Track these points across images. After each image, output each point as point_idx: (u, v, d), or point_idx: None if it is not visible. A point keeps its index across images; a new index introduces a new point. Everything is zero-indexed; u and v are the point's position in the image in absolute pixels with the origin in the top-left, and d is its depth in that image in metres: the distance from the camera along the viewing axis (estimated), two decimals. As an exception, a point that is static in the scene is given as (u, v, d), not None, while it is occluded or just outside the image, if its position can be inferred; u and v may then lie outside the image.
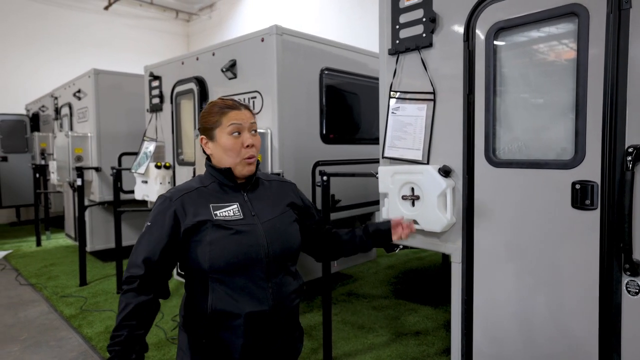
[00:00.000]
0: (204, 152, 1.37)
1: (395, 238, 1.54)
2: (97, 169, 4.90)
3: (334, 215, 3.06)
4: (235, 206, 1.28)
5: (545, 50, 1.72)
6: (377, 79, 3.79)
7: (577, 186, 1.60)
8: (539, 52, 1.73)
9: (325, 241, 1.55)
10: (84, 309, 3.78)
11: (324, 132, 3.36)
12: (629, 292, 1.55)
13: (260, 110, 2.93)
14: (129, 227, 5.30)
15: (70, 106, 5.57)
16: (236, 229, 1.23)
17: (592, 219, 1.59)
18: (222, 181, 1.31)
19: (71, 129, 5.51)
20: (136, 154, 4.22)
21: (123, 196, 4.32)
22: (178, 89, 3.65)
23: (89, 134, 4.96)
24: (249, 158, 1.30)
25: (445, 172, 1.96)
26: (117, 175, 4.08)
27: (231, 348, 1.25)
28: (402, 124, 2.13)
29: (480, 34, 1.83)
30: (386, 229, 1.54)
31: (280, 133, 2.92)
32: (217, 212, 1.25)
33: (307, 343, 3.02)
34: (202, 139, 1.35)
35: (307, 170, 2.98)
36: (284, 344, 1.34)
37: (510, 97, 1.81)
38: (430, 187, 1.94)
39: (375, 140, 3.93)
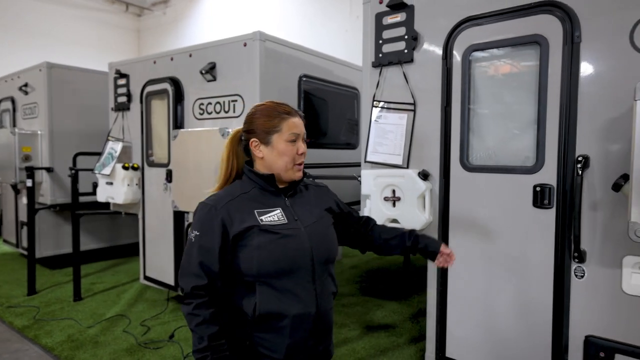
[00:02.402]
0: (247, 154, 1.37)
1: (437, 263, 1.50)
2: (49, 170, 4.56)
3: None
4: (279, 211, 1.30)
5: (512, 71, 2.00)
6: (348, 87, 4.01)
7: (538, 189, 1.89)
8: (507, 72, 2.01)
9: (369, 239, 1.57)
10: (39, 319, 3.51)
11: (302, 136, 3.44)
12: (576, 275, 1.86)
13: (241, 114, 2.97)
14: (84, 232, 4.97)
15: (13, 100, 5.11)
16: (282, 234, 1.25)
17: (549, 216, 1.88)
18: (263, 186, 1.32)
19: (14, 125, 5.06)
20: (97, 154, 4.01)
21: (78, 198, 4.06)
22: (149, 88, 3.55)
23: (39, 132, 4.60)
24: (300, 164, 1.35)
25: (424, 175, 2.18)
26: (76, 177, 3.85)
27: (276, 349, 1.26)
28: (384, 132, 2.32)
29: (457, 54, 2.07)
30: (433, 250, 1.49)
31: (262, 136, 2.95)
32: (263, 217, 1.27)
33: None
34: (252, 141, 1.32)
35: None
36: (323, 345, 1.36)
37: (482, 110, 2.07)
38: (410, 189, 2.14)
39: (342, 146, 4.12)
